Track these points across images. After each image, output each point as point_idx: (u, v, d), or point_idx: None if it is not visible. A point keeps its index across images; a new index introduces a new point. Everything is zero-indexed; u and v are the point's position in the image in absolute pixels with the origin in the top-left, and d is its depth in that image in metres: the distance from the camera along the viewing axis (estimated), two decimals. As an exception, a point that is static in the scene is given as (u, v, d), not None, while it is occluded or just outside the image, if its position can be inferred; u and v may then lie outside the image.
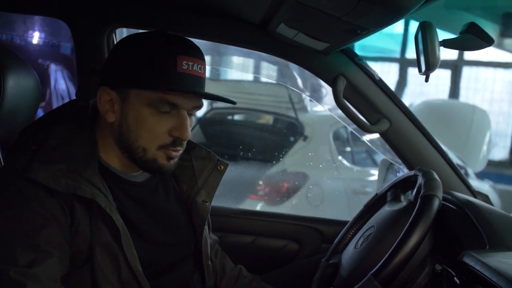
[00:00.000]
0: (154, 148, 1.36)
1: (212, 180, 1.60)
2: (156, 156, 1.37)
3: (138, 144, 1.36)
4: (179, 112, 1.36)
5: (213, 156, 1.62)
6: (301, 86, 3.99)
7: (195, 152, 1.61)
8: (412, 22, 7.01)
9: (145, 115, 1.34)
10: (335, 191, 4.49)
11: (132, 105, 1.35)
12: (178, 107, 1.35)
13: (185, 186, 1.59)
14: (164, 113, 1.34)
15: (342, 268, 1.66)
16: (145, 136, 1.35)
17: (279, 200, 4.36)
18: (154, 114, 1.34)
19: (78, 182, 1.27)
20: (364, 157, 5.04)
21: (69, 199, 1.27)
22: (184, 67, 1.33)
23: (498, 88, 7.84)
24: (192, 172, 1.60)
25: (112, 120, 1.37)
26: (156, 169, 1.40)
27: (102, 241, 1.30)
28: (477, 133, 6.04)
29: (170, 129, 1.35)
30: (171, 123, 1.35)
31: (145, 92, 1.33)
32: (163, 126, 1.35)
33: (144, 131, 1.35)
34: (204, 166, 1.60)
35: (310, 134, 4.68)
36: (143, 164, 1.39)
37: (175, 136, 1.36)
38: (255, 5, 1.60)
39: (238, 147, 4.60)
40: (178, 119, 1.35)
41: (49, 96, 4.57)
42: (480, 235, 1.44)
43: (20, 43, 3.77)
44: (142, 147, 1.36)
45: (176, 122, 1.35)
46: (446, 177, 1.87)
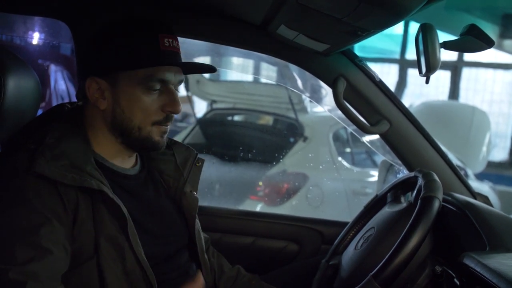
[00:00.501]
0: (148, 125, 1.43)
1: (193, 174, 1.65)
2: (151, 133, 1.44)
3: (133, 124, 1.42)
4: (168, 88, 1.43)
5: (192, 151, 1.68)
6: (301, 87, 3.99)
7: (176, 147, 1.67)
8: (412, 23, 7.02)
9: (137, 94, 1.40)
10: (335, 192, 4.49)
11: (123, 88, 1.40)
12: (167, 83, 1.43)
13: (171, 180, 1.64)
14: (155, 91, 1.41)
15: (342, 269, 1.66)
16: (139, 115, 1.41)
17: (279, 201, 4.36)
18: (145, 92, 1.40)
19: (83, 176, 1.30)
20: (364, 158, 5.04)
21: (73, 194, 1.29)
22: (166, 44, 1.41)
23: (498, 89, 7.85)
24: (176, 165, 1.64)
25: (104, 107, 1.42)
26: (152, 146, 1.46)
27: (107, 233, 1.32)
28: (477, 134, 6.04)
29: (162, 105, 1.42)
30: (162, 100, 1.42)
31: (135, 72, 1.39)
32: (155, 103, 1.42)
33: (137, 110, 1.41)
34: (186, 159, 1.66)
35: (310, 135, 4.68)
36: (139, 143, 1.45)
37: (168, 111, 1.43)
38: (255, 6, 1.60)
39: (238, 148, 4.60)
40: (169, 95, 1.43)
41: (49, 97, 4.57)
42: (480, 236, 1.44)
43: (20, 44, 3.77)
44: (137, 126, 1.42)
45: (167, 98, 1.42)
46: (446, 179, 1.87)
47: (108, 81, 1.41)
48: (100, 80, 1.41)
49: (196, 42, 1.96)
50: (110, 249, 1.32)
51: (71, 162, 1.31)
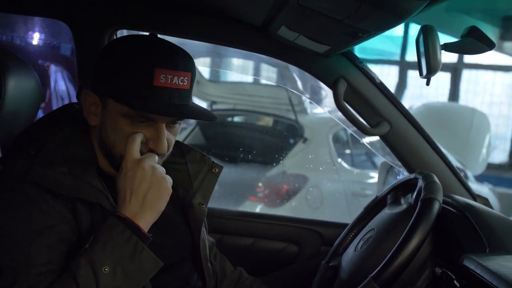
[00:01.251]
0: None
1: (207, 183, 1.60)
2: None
3: (115, 150, 1.35)
4: (156, 124, 1.33)
5: (208, 159, 1.62)
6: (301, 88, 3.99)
7: (189, 156, 1.61)
8: (412, 25, 7.02)
9: (121, 124, 1.32)
10: (335, 193, 4.49)
11: (110, 113, 1.33)
12: (153, 120, 1.32)
13: (181, 190, 1.59)
14: (140, 124, 1.32)
15: (342, 271, 1.66)
16: (122, 144, 1.33)
17: (279, 202, 4.36)
18: (130, 123, 1.32)
19: (81, 185, 1.28)
20: (364, 159, 5.04)
21: (72, 202, 1.28)
22: (162, 80, 1.28)
23: (498, 91, 7.86)
24: (187, 175, 1.59)
25: (94, 123, 1.38)
26: None
27: None
28: (476, 136, 6.04)
29: (147, 138, 1.34)
30: (148, 133, 1.33)
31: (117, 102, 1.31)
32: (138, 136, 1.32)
33: (120, 138, 1.33)
34: (199, 169, 1.60)
35: (310, 136, 4.68)
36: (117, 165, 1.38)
37: (150, 147, 1.34)
38: (256, 7, 1.60)
39: (238, 149, 4.60)
40: (155, 131, 1.33)
41: (49, 97, 4.57)
42: (480, 238, 1.44)
43: (20, 44, 3.77)
44: (120, 153, 1.34)
45: (152, 133, 1.33)
46: (446, 180, 1.87)
47: (101, 99, 1.35)
48: (94, 95, 1.35)
49: (197, 43, 1.96)
50: None
51: (70, 170, 1.28)
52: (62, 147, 1.33)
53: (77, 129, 1.40)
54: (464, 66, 7.85)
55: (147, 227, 1.27)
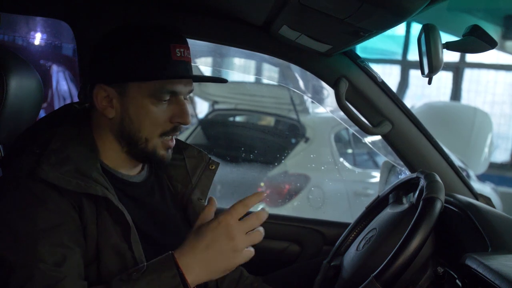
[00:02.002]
0: (156, 137, 1.40)
1: (205, 179, 1.63)
2: (157, 147, 1.41)
3: (140, 135, 1.39)
4: (177, 99, 1.40)
5: (205, 155, 1.65)
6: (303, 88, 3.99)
7: (187, 152, 1.64)
8: (414, 24, 7.02)
9: (147, 105, 1.37)
10: (337, 193, 4.49)
11: (133, 98, 1.38)
12: (177, 94, 1.40)
13: (180, 186, 1.61)
14: (164, 101, 1.38)
15: (344, 270, 1.66)
16: (147, 126, 1.39)
17: (281, 201, 4.36)
18: (155, 103, 1.38)
19: (88, 182, 1.29)
20: (366, 159, 5.04)
21: (78, 200, 1.29)
22: (178, 54, 1.38)
23: (500, 90, 7.85)
24: (185, 171, 1.62)
25: (112, 115, 1.40)
26: (157, 160, 1.44)
27: (110, 240, 1.31)
28: (478, 135, 6.04)
29: (171, 116, 1.40)
30: (172, 110, 1.40)
31: (145, 83, 1.36)
32: (164, 113, 1.39)
33: (146, 121, 1.38)
34: (196, 165, 1.63)
35: (312, 136, 4.68)
36: (144, 155, 1.43)
37: (177, 122, 1.41)
38: (257, 7, 1.60)
39: (240, 149, 4.60)
40: (179, 105, 1.40)
41: (51, 97, 4.58)
42: (482, 237, 1.44)
43: (22, 44, 3.78)
44: (145, 137, 1.40)
45: (176, 108, 1.40)
46: (448, 180, 1.87)
47: (117, 89, 1.38)
48: (108, 88, 1.38)
49: (198, 43, 1.96)
50: (112, 256, 1.31)
51: (76, 168, 1.30)
52: (66, 146, 1.34)
53: (80, 128, 1.41)
54: (466, 65, 7.84)
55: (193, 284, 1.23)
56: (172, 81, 1.38)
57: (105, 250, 1.30)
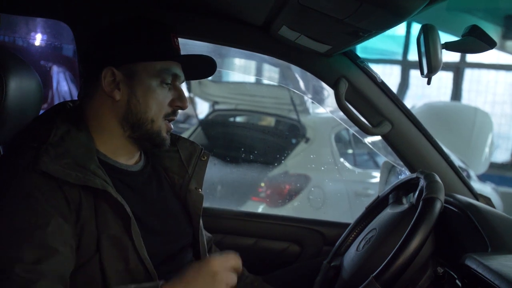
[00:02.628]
0: (160, 118, 1.48)
1: (198, 170, 1.66)
2: (161, 128, 1.48)
3: (147, 116, 1.45)
4: (175, 85, 1.51)
5: (197, 145, 1.68)
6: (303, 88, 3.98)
7: (180, 143, 1.67)
8: (413, 24, 7.01)
9: (153, 86, 1.46)
10: (337, 193, 4.49)
11: (140, 79, 1.45)
12: (177, 78, 1.50)
13: (176, 177, 1.64)
14: (166, 84, 1.48)
15: (343, 271, 1.66)
16: (153, 107, 1.46)
17: (281, 202, 4.36)
18: (159, 85, 1.47)
19: (87, 174, 1.30)
20: (366, 159, 5.04)
21: (77, 193, 1.29)
22: (176, 42, 1.51)
23: (500, 90, 7.85)
24: (180, 162, 1.65)
25: (119, 97, 1.44)
26: (159, 142, 1.50)
27: (110, 233, 1.32)
28: (479, 135, 6.03)
29: (171, 100, 1.49)
30: (172, 95, 1.50)
31: (153, 65, 1.45)
32: (167, 97, 1.48)
33: (153, 101, 1.46)
34: (190, 156, 1.66)
35: (312, 136, 4.68)
36: (149, 137, 1.48)
37: (176, 106, 1.50)
38: (257, 7, 1.60)
39: (240, 149, 4.60)
40: (177, 91, 1.51)
41: (51, 98, 4.58)
42: (482, 237, 1.44)
43: (22, 45, 3.78)
44: (151, 118, 1.46)
45: (175, 93, 1.50)
46: (448, 180, 1.87)
47: (125, 72, 1.44)
48: (116, 71, 1.43)
49: (198, 43, 1.96)
50: (113, 249, 1.32)
51: (75, 161, 1.32)
52: (64, 140, 1.35)
53: (75, 122, 1.43)
54: (466, 65, 7.84)
55: None
56: (174, 65, 1.48)
57: (106, 243, 1.31)
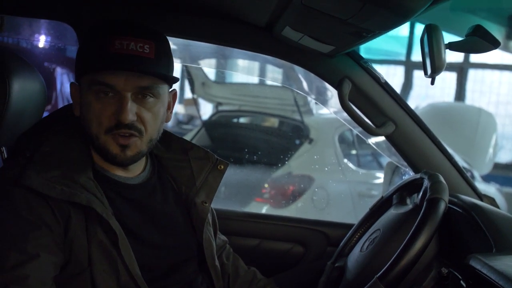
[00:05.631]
0: (102, 133, 1.35)
1: (212, 180, 1.59)
2: (107, 143, 1.35)
3: (91, 131, 1.36)
4: (119, 94, 1.33)
5: (212, 155, 1.61)
6: (307, 89, 3.99)
7: (192, 153, 1.60)
8: (417, 25, 7.01)
9: (89, 100, 1.34)
10: (341, 194, 4.49)
11: (82, 93, 1.37)
12: (115, 88, 1.33)
13: (184, 187, 1.58)
14: (106, 96, 1.33)
15: (348, 271, 1.66)
16: (93, 122, 1.34)
17: (285, 203, 4.36)
18: (97, 98, 1.33)
19: (74, 188, 1.27)
20: (370, 160, 5.03)
21: (65, 207, 1.27)
22: (117, 46, 1.31)
23: (504, 90, 7.83)
24: (190, 172, 1.58)
25: (77, 113, 1.41)
26: (111, 158, 1.38)
27: (100, 247, 1.29)
28: (483, 136, 6.02)
29: (114, 112, 1.33)
30: (115, 107, 1.33)
31: (85, 77, 1.35)
32: (107, 110, 1.33)
33: (91, 115, 1.34)
34: (202, 167, 1.59)
35: (316, 137, 4.68)
36: (101, 154, 1.38)
37: (114, 118, 1.33)
38: (260, 8, 1.60)
39: (244, 150, 4.60)
40: (118, 101, 1.33)
41: (55, 99, 4.59)
42: (486, 238, 1.43)
43: (26, 47, 3.79)
44: (95, 134, 1.35)
45: (116, 105, 1.33)
46: (452, 180, 1.86)
47: (80, 86, 1.39)
48: (75, 85, 1.41)
49: (201, 45, 1.97)
50: (104, 263, 1.30)
51: (62, 173, 1.28)
52: (57, 150, 1.34)
53: (74, 131, 1.41)
54: (470, 66, 7.82)
55: None
56: (103, 73, 1.32)
57: (96, 256, 1.29)
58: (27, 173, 1.25)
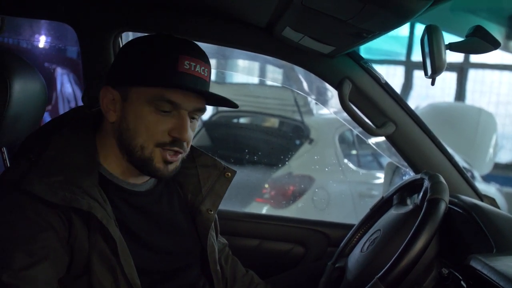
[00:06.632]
0: (151, 145, 1.35)
1: (218, 188, 1.59)
2: (153, 155, 1.35)
3: (136, 142, 1.35)
4: (179, 113, 1.35)
5: (219, 163, 1.61)
6: (307, 89, 3.99)
7: (200, 160, 1.60)
8: (417, 25, 7.00)
9: (144, 112, 1.33)
10: (341, 194, 4.49)
11: (132, 103, 1.34)
12: (178, 106, 1.34)
13: (190, 195, 1.58)
14: (164, 113, 1.34)
15: (348, 272, 1.66)
16: (143, 133, 1.34)
17: (285, 203, 4.36)
18: (153, 112, 1.33)
19: (75, 194, 1.26)
20: (370, 160, 5.03)
21: (67, 211, 1.26)
22: (186, 66, 1.33)
23: (504, 90, 7.82)
24: (197, 180, 1.58)
25: (113, 119, 1.37)
26: (152, 171, 1.38)
27: (100, 253, 1.28)
28: (483, 136, 6.02)
29: (170, 129, 1.34)
30: (171, 124, 1.34)
31: (145, 89, 1.33)
32: (163, 125, 1.34)
33: (142, 128, 1.34)
34: (209, 174, 1.59)
35: (316, 137, 4.68)
36: (141, 164, 1.37)
37: (174, 136, 1.35)
38: (260, 8, 1.60)
39: (244, 151, 4.60)
40: (178, 119, 1.34)
41: (55, 100, 4.59)
42: (487, 238, 1.43)
43: (26, 47, 3.79)
44: (140, 144, 1.35)
45: (176, 122, 1.34)
46: (453, 180, 1.87)
47: (121, 93, 1.36)
48: (113, 90, 1.37)
49: (202, 45, 1.96)
50: (103, 269, 1.29)
51: (66, 178, 1.27)
52: (62, 154, 1.32)
53: (82, 134, 1.40)
54: (470, 66, 7.82)
55: None
56: (172, 91, 1.32)
57: (95, 261, 1.28)
58: (29, 177, 1.24)
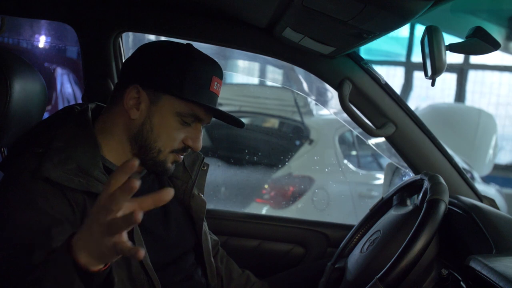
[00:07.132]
0: (167, 151, 1.45)
1: (200, 178, 1.67)
2: (167, 159, 1.46)
3: (156, 145, 1.44)
4: (197, 125, 1.47)
5: (199, 153, 1.69)
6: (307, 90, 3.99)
7: None
8: (418, 26, 7.01)
9: (170, 121, 1.43)
10: (341, 195, 4.48)
11: (161, 109, 1.42)
12: (199, 121, 1.47)
13: (180, 182, 1.65)
14: (185, 124, 1.45)
15: (348, 272, 1.66)
16: (164, 140, 1.44)
17: (285, 204, 4.36)
18: (177, 122, 1.44)
19: (90, 180, 1.31)
20: (370, 161, 5.03)
21: (80, 197, 1.30)
22: (215, 87, 1.46)
23: (504, 91, 7.82)
24: (184, 168, 1.66)
25: (135, 117, 1.43)
26: (162, 170, 1.49)
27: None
28: (483, 137, 6.02)
29: (185, 138, 1.46)
30: (187, 133, 1.46)
31: (178, 101, 1.42)
32: (182, 134, 1.45)
33: (165, 134, 1.44)
34: (193, 162, 1.68)
35: (316, 137, 4.67)
36: (152, 164, 1.47)
37: (188, 145, 1.46)
38: (261, 9, 1.60)
39: (244, 151, 4.60)
40: (195, 131, 1.47)
41: (55, 100, 4.59)
42: (486, 239, 1.44)
43: (26, 47, 3.79)
44: (159, 148, 1.44)
45: (192, 133, 1.47)
46: (452, 181, 1.87)
47: (150, 95, 1.42)
48: (142, 91, 1.42)
49: (202, 45, 1.97)
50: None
51: (78, 166, 1.32)
52: (68, 145, 1.36)
53: (82, 127, 1.43)
54: (470, 67, 7.82)
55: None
56: (201, 109, 1.44)
57: None
58: (46, 166, 1.28)
